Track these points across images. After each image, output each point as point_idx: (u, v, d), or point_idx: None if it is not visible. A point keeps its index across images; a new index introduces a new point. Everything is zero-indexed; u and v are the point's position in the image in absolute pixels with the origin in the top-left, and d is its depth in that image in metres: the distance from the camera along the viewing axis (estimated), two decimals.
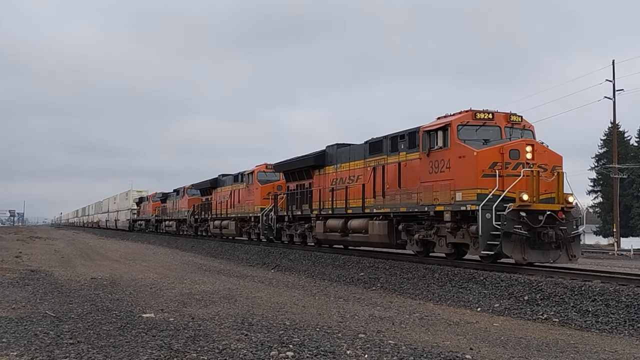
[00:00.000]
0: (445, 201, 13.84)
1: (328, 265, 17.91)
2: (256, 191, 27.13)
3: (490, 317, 10.08)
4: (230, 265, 20.96)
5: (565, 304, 10.05)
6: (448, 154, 13.95)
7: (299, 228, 22.73)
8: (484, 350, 7.14)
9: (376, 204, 16.95)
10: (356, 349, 6.71)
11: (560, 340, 7.95)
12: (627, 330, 8.59)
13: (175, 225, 43.32)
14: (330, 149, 20.66)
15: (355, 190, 18.36)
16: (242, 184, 29.25)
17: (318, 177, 21.18)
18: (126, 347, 6.54)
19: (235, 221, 29.57)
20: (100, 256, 24.11)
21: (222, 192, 32.68)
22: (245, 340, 6.97)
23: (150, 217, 52.44)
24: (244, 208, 28.58)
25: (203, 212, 36.17)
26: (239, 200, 29.34)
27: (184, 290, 12.14)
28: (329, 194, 20.13)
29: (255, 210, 26.97)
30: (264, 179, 27.32)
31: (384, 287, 13.90)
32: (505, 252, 12.35)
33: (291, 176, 23.40)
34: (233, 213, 30.09)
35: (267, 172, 27.37)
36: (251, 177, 27.97)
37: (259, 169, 27.72)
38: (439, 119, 14.81)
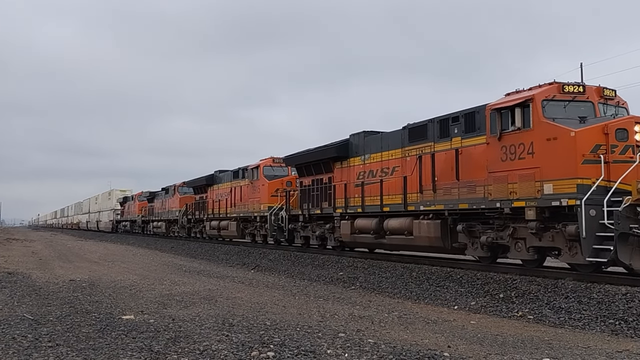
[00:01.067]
0: (527, 195, 11.43)
1: (307, 265, 18.00)
2: (262, 188, 24.50)
3: (467, 315, 10.26)
4: (210, 265, 20.91)
5: (539, 301, 10.29)
6: (530, 136, 11.45)
7: (317, 229, 20.17)
8: (461, 347, 7.28)
9: (424, 200, 14.51)
10: (336, 348, 6.79)
11: (535, 337, 8.14)
12: (598, 327, 8.82)
13: (164, 226, 40.53)
14: (356, 138, 18.13)
15: (393, 184, 15.94)
16: (243, 180, 26.85)
17: (340, 171, 18.83)
18: (106, 349, 6.51)
19: (237, 221, 27.09)
20: (79, 258, 23.86)
21: (219, 190, 30.11)
22: (226, 340, 7.01)
23: (136, 217, 49.66)
24: (248, 207, 25.99)
25: (197, 211, 33.53)
26: (241, 199, 26.84)
27: (164, 292, 12.11)
28: (356, 189, 17.73)
29: (261, 209, 24.43)
30: (271, 174, 24.78)
31: (363, 286, 14.04)
32: (622, 259, 9.99)
33: (305, 170, 20.99)
34: (234, 212, 27.52)
35: (274, 167, 24.88)
36: (256, 172, 25.26)
37: (265, 163, 25.15)
38: (509, 95, 12.50)
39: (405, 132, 15.67)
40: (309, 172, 20.80)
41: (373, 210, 16.75)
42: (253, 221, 25.77)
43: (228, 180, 29.09)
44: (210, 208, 31.09)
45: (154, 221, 43.64)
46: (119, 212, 58.07)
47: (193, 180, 34.64)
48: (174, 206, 38.34)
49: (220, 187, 30.18)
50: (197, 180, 33.45)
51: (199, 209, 33.16)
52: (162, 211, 41.62)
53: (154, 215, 43.83)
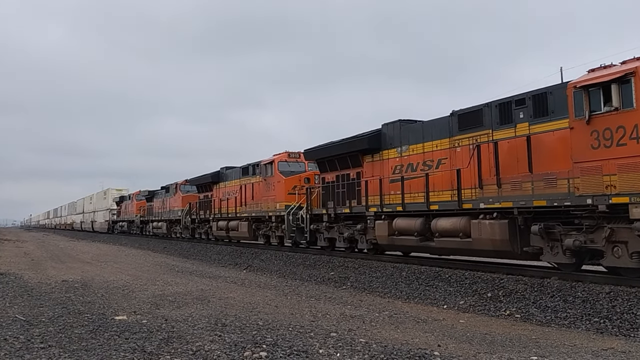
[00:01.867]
0: (631, 189, 9.61)
1: (299, 265, 18.08)
2: (278, 185, 22.41)
3: (456, 314, 10.40)
4: (202, 266, 20.94)
5: (526, 300, 10.44)
6: (633, 118, 9.66)
7: (345, 230, 18.20)
8: (451, 346, 7.39)
9: (485, 197, 12.61)
10: (328, 348, 6.87)
11: (522, 336, 8.28)
12: (584, 325, 8.97)
13: (165, 226, 38.29)
14: (390, 128, 16.33)
15: (440, 178, 14.17)
16: (255, 177, 24.95)
17: (371, 165, 17.08)
18: (98, 350, 6.54)
19: (248, 222, 25.01)
20: (71, 258, 23.80)
21: (227, 188, 28.27)
22: (218, 341, 7.06)
23: (134, 217, 47.50)
24: (261, 206, 23.86)
25: (202, 211, 31.34)
26: (253, 197, 24.82)
27: (156, 292, 12.15)
28: (392, 185, 15.90)
29: (277, 208, 22.34)
30: (287, 169, 22.72)
31: (354, 286, 14.14)
32: None
33: (329, 165, 19.19)
34: (244, 212, 25.44)
35: (290, 162, 22.87)
36: (270, 168, 23.21)
37: (280, 158, 23.05)
38: (594, 72, 10.72)
39: (454, 120, 13.88)
40: (333, 167, 18.99)
41: (416, 209, 14.82)
42: (267, 221, 23.69)
43: (236, 178, 27.38)
44: (216, 207, 29.17)
45: (154, 221, 41.64)
46: (115, 212, 56.09)
47: (197, 178, 32.67)
48: (176, 205, 36.27)
49: (227, 185, 28.44)
50: (202, 178, 31.49)
51: (204, 209, 31.11)
52: (162, 211, 39.58)
53: (154, 215, 41.86)
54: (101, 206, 62.22)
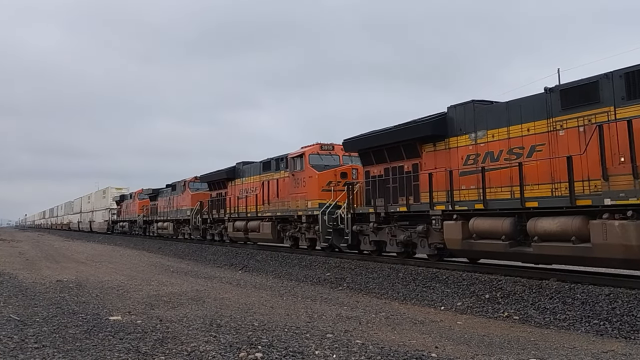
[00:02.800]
0: None
1: (295, 266, 18.02)
2: (310, 180, 19.94)
3: (453, 316, 10.34)
4: (197, 266, 20.88)
5: (524, 301, 10.39)
6: None
7: (400, 233, 15.46)
8: (448, 348, 7.34)
9: (613, 190, 10.02)
10: (324, 349, 6.82)
11: (521, 338, 8.22)
12: (583, 327, 8.92)
13: (172, 227, 35.66)
14: (459, 111, 13.77)
15: (537, 169, 11.76)
16: (279, 172, 22.37)
17: (433, 155, 14.59)
18: (93, 350, 6.50)
19: (272, 222, 22.40)
20: (66, 258, 23.74)
21: (244, 185, 25.76)
22: (213, 341, 7.01)
23: (137, 217, 44.96)
24: (288, 204, 21.18)
25: (215, 210, 28.86)
26: (278, 194, 22.11)
27: (151, 292, 12.09)
28: (464, 178, 13.41)
29: (308, 206, 19.79)
30: (319, 163, 20.29)
31: (350, 287, 14.08)
32: None
33: (375, 157, 16.72)
34: (267, 211, 22.77)
35: (323, 155, 20.52)
36: (300, 161, 20.66)
37: (312, 150, 20.48)
38: None
39: (554, 97, 11.51)
40: (381, 159, 16.51)
41: (504, 207, 12.26)
42: (296, 222, 21.01)
43: (256, 173, 24.83)
44: (232, 206, 26.60)
45: (159, 221, 38.91)
46: (115, 211, 53.85)
47: (209, 175, 30.07)
48: (185, 204, 33.65)
49: (245, 182, 25.84)
50: (215, 175, 29.05)
51: (217, 207, 28.59)
52: (168, 210, 36.92)
53: (159, 215, 39.16)
54: (100, 205, 60.02)
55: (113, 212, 54.39)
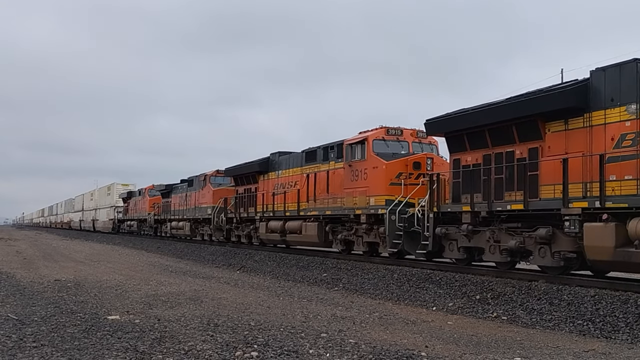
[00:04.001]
0: None
1: (292, 267, 18.21)
2: (374, 172, 16.49)
3: (444, 316, 10.57)
4: (196, 266, 21.05)
5: (513, 302, 10.63)
6: None
7: (508, 238, 12.16)
8: (438, 347, 7.56)
9: None
10: (318, 348, 7.01)
11: (508, 337, 8.46)
12: (567, 327, 9.17)
13: (189, 227, 32.11)
14: (632, 71, 10.15)
15: None
16: (327, 162, 19.17)
17: (564, 135, 11.44)
18: (91, 349, 6.62)
19: (319, 223, 19.02)
20: (64, 257, 23.82)
21: (281, 179, 22.43)
22: (210, 341, 7.18)
23: (147, 216, 41.15)
24: (342, 201, 17.90)
25: (242, 208, 25.59)
26: (328, 189, 18.81)
27: (149, 292, 12.24)
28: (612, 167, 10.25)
29: (370, 203, 16.49)
30: (386, 151, 16.77)
31: (345, 288, 14.30)
32: None
33: (469, 141, 13.38)
34: (313, 209, 19.47)
35: (390, 141, 17.04)
36: (361, 149, 17.15)
37: (376, 135, 16.97)
38: None
39: None
40: (479, 143, 13.17)
41: None
42: (351, 222, 17.65)
43: (296, 165, 21.29)
44: (264, 203, 23.26)
45: (173, 220, 35.08)
46: (121, 209, 49.89)
47: (236, 168, 26.52)
48: (205, 201, 29.73)
49: (281, 175, 22.41)
50: (243, 167, 25.49)
51: (245, 205, 25.26)
52: (184, 208, 33.06)
53: (172, 214, 35.41)
54: (104, 203, 55.57)
55: (119, 210, 50.48)
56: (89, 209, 62.86)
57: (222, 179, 29.56)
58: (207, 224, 29.46)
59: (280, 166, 22.67)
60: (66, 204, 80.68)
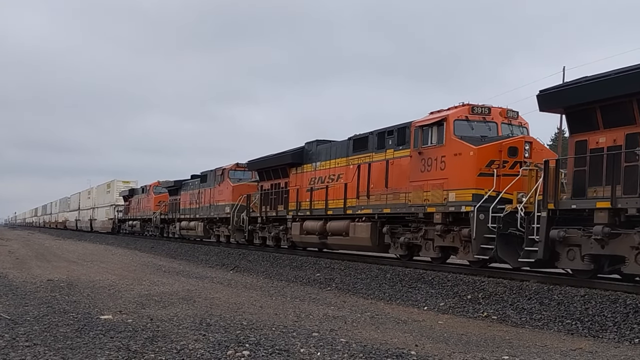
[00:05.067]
0: None
1: (285, 267, 18.27)
2: (457, 160, 13.28)
3: (435, 316, 10.66)
4: (189, 266, 21.08)
5: (504, 302, 10.73)
6: None
7: None
8: (428, 346, 7.64)
9: None
10: (309, 347, 7.07)
11: (497, 337, 8.55)
12: (556, 326, 9.27)
13: (202, 227, 29.07)
14: None
15: None
16: (383, 151, 15.87)
17: None
18: (84, 348, 6.65)
19: (372, 223, 16.02)
20: (57, 257, 23.79)
21: (319, 172, 19.43)
22: (203, 340, 7.24)
23: (152, 215, 37.94)
24: (408, 197, 14.60)
25: (268, 206, 22.37)
26: (387, 182, 15.50)
27: (142, 292, 12.28)
28: None
29: (449, 199, 13.31)
30: (471, 135, 13.53)
31: (338, 287, 14.37)
32: None
33: (605, 117, 10.56)
34: (366, 206, 16.27)
35: (475, 122, 13.75)
36: (434, 132, 13.95)
37: (458, 114, 13.69)
38: None
39: None
40: (618, 119, 10.40)
41: None
42: (420, 222, 14.46)
43: (341, 155, 18.22)
44: (297, 200, 20.16)
45: (183, 220, 32.19)
46: (121, 208, 46.81)
47: (261, 160, 23.63)
48: (222, 199, 26.72)
49: (320, 167, 19.38)
50: (272, 159, 22.58)
51: (272, 203, 22.14)
52: (196, 207, 30.20)
53: (181, 212, 32.55)
54: (103, 201, 52.15)
55: (119, 209, 47.23)
56: (86, 208, 59.64)
57: (242, 173, 26.47)
58: (225, 224, 26.64)
59: (319, 157, 19.49)
60: (61, 202, 77.46)
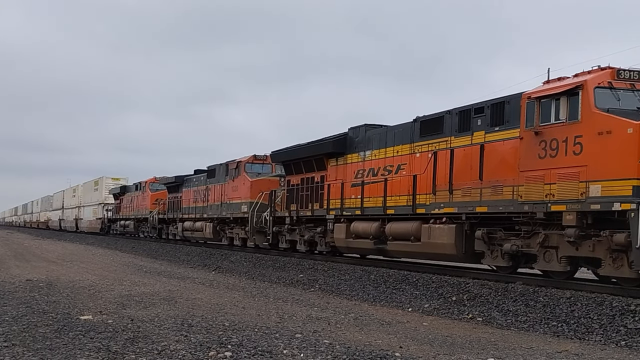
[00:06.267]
0: None
1: (269, 267, 18.16)
2: (602, 142, 10.04)
3: (420, 317, 10.61)
4: (171, 266, 20.89)
5: (489, 304, 10.72)
6: None
7: None
8: (412, 348, 7.58)
9: None
10: (292, 349, 7.00)
11: (482, 339, 8.51)
12: (542, 328, 9.27)
13: (210, 228, 25.99)
14: None
15: None
16: (467, 134, 13.01)
17: None
18: (63, 349, 6.56)
19: (457, 225, 12.86)
20: (36, 257, 23.50)
21: (368, 162, 16.20)
22: (184, 341, 7.14)
23: (149, 214, 34.83)
24: (513, 191, 11.58)
25: (297, 204, 19.18)
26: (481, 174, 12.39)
27: (123, 292, 12.14)
28: None
29: (589, 194, 10.16)
30: (617, 106, 10.27)
31: (322, 289, 14.30)
32: None
33: None
34: (446, 204, 13.20)
35: (621, 90, 10.54)
36: (561, 105, 10.73)
37: (599, 80, 10.49)
38: None
39: None
40: None
41: None
42: (536, 224, 11.32)
43: (402, 141, 14.95)
44: (342, 197, 16.87)
45: (187, 220, 29.16)
46: (111, 207, 43.75)
47: (289, 151, 20.38)
48: (238, 196, 23.44)
49: (371, 157, 16.07)
50: (302, 149, 19.42)
51: (302, 200, 18.98)
52: (202, 205, 27.23)
53: (183, 211, 29.68)
54: (90, 200, 49.00)
55: (109, 207, 44.16)
56: (71, 207, 56.58)
57: (260, 166, 23.48)
58: (240, 225, 23.57)
59: (369, 144, 16.23)
60: (43, 201, 74.27)
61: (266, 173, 23.25)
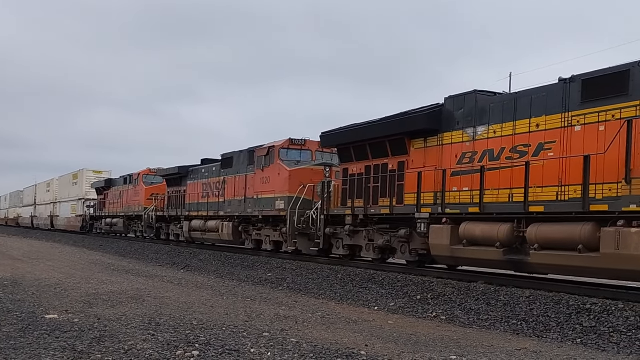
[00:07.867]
0: None
1: (237, 266, 18.19)
2: None
3: (385, 316, 10.81)
4: (139, 265, 20.72)
5: (452, 302, 10.98)
6: None
7: None
8: (377, 346, 7.74)
9: None
10: (260, 347, 7.08)
11: (445, 337, 8.73)
12: (502, 327, 9.54)
13: (229, 228, 21.53)
14: None
15: None
16: None
17: None
18: (27, 349, 6.53)
19: None
20: (1, 255, 23.03)
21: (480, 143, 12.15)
22: (151, 340, 7.16)
23: (143, 212, 30.31)
24: None
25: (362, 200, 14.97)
26: None
27: (90, 291, 12.04)
28: None
29: None
30: None
31: (290, 288, 14.40)
32: None
33: None
34: None
35: None
36: None
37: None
38: None
39: None
40: None
41: None
42: None
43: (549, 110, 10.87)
44: (434, 189, 13.02)
45: (194, 218, 24.78)
46: (93, 203, 39.22)
47: (347, 131, 16.00)
48: (269, 189, 19.09)
49: (486, 135, 12.11)
50: (367, 130, 15.09)
51: (370, 194, 14.91)
52: (216, 200, 22.93)
53: (188, 208, 25.43)
54: (68, 195, 44.29)
55: (90, 204, 39.69)
56: (45, 203, 51.51)
57: (297, 153, 18.94)
58: (273, 225, 19.41)
59: (483, 118, 12.17)
60: (12, 197, 68.51)
61: (306, 161, 18.72)
